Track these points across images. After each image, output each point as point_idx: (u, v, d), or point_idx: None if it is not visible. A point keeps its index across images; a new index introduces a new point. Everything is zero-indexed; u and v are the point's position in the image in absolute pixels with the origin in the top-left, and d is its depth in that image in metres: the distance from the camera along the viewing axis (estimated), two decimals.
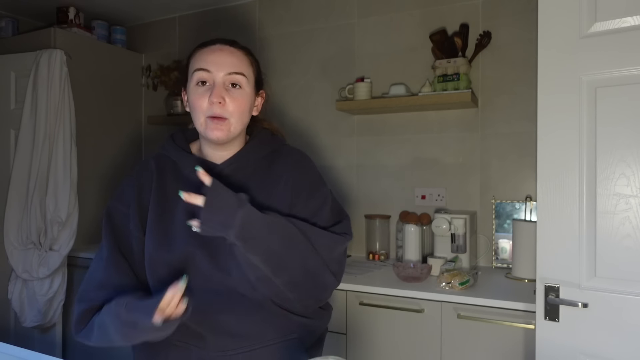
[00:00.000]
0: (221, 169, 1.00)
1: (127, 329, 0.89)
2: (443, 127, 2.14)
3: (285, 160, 1.07)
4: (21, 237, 2.24)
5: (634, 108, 1.17)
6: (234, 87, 0.98)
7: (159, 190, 1.02)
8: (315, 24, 2.42)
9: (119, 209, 1.03)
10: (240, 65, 0.99)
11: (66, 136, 2.26)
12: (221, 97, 0.95)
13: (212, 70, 0.96)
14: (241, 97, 0.98)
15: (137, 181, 1.05)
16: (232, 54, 0.99)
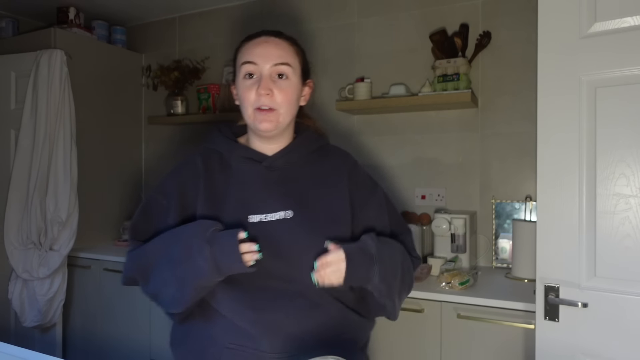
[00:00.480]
0: (272, 160, 1.00)
1: (192, 257, 0.89)
2: (443, 127, 2.14)
3: (335, 158, 1.08)
4: (21, 237, 2.24)
5: (634, 108, 1.17)
6: (280, 77, 0.98)
7: (208, 188, 1.00)
8: (315, 24, 2.42)
9: (158, 201, 1.03)
10: (285, 55, 0.99)
11: (66, 136, 2.26)
12: (268, 88, 0.95)
13: (259, 62, 0.96)
14: (288, 87, 0.98)
15: (179, 177, 1.04)
16: (278, 45, 1.00)
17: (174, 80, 2.58)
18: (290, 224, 0.96)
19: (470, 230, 1.92)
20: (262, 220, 0.96)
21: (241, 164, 1.00)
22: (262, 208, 0.97)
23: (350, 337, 1.01)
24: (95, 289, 2.34)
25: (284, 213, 0.96)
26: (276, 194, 0.98)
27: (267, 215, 0.96)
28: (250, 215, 0.96)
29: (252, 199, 0.97)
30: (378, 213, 1.07)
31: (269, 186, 0.99)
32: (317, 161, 1.05)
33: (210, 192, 0.99)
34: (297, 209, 0.97)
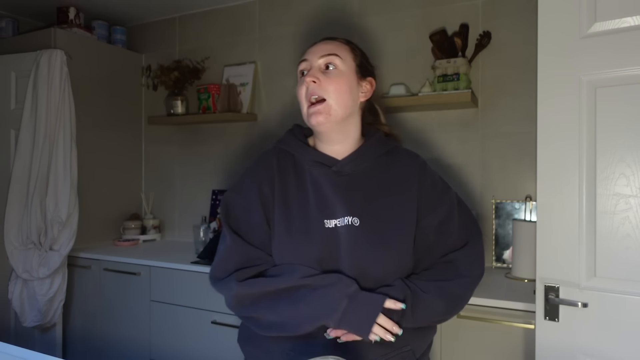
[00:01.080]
0: (342, 165, 1.01)
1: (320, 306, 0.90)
2: (443, 127, 2.14)
3: (406, 161, 1.07)
4: (21, 237, 2.24)
5: (634, 108, 1.17)
6: (328, 68, 0.99)
7: (282, 188, 1.02)
8: (315, 24, 2.42)
9: (237, 202, 1.04)
10: (334, 49, 1.01)
11: (66, 136, 2.26)
12: (315, 76, 0.97)
13: (309, 57, 1.00)
14: (337, 76, 0.98)
15: (256, 177, 1.05)
16: (329, 42, 1.03)
17: (174, 80, 2.58)
18: (356, 232, 0.97)
19: None
20: (337, 225, 0.97)
21: (312, 167, 1.01)
22: (333, 213, 0.98)
23: (409, 349, 1.00)
24: (95, 289, 2.34)
25: (351, 219, 0.97)
26: (345, 200, 0.98)
27: (339, 220, 0.97)
28: (325, 220, 0.97)
29: (324, 203, 0.98)
30: (445, 220, 1.04)
31: (338, 191, 0.99)
32: (387, 166, 1.04)
33: (284, 194, 1.01)
34: (363, 217, 0.98)
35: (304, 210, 0.99)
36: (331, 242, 0.96)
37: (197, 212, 2.68)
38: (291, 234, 0.98)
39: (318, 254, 0.96)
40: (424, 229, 1.03)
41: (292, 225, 0.98)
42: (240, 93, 2.53)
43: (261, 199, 1.02)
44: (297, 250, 0.97)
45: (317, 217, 0.97)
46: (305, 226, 0.97)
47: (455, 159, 2.12)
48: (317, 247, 0.97)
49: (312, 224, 0.97)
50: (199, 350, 2.04)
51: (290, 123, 2.43)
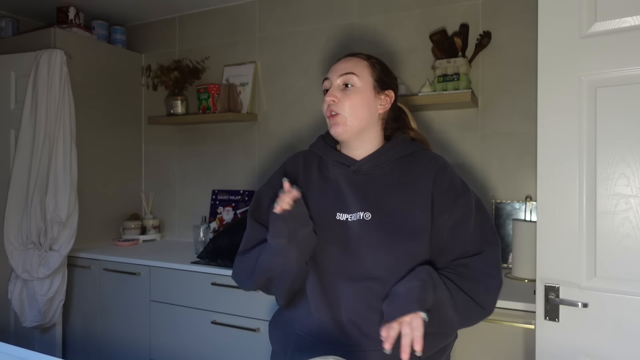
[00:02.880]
0: (360, 164, 1.09)
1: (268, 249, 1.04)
2: (443, 127, 2.14)
3: (424, 162, 1.11)
4: (21, 237, 2.24)
5: (634, 108, 1.17)
6: (347, 86, 1.09)
7: (304, 182, 1.13)
8: (315, 24, 2.42)
9: (267, 193, 1.16)
10: (353, 67, 1.10)
11: (66, 136, 2.26)
12: (334, 95, 1.08)
13: (330, 76, 1.11)
14: (354, 94, 1.08)
15: (284, 173, 1.17)
16: (349, 60, 1.12)
17: (174, 80, 2.58)
18: (367, 226, 1.03)
19: None
20: (348, 219, 1.05)
21: (334, 167, 1.12)
22: (347, 208, 1.06)
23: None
24: (95, 289, 2.34)
25: (363, 214, 1.04)
26: (359, 196, 1.06)
27: (352, 215, 1.05)
28: (338, 213, 1.06)
29: (340, 198, 1.07)
30: (459, 222, 1.06)
31: (354, 188, 1.07)
32: (405, 165, 1.10)
33: (306, 187, 1.12)
34: (376, 213, 1.04)
35: (320, 202, 1.08)
36: (339, 233, 1.05)
37: (197, 212, 2.68)
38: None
39: (323, 242, 1.05)
40: (437, 228, 1.06)
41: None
42: (240, 93, 2.53)
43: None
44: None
45: (330, 209, 1.07)
46: (316, 217, 1.06)
47: (455, 159, 2.11)
48: (323, 236, 1.05)
49: (323, 215, 1.07)
50: (199, 350, 2.04)
51: (290, 123, 2.46)
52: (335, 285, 1.04)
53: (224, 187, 2.63)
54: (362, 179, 1.08)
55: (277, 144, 2.52)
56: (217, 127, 2.68)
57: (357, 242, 1.03)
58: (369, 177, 1.08)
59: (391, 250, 1.02)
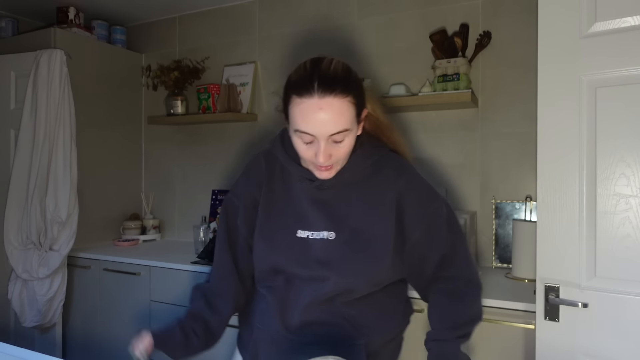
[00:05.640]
0: (323, 182, 1.02)
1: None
2: (443, 127, 2.14)
3: (389, 175, 1.05)
4: (21, 237, 2.24)
5: (634, 108, 1.17)
6: (337, 142, 0.95)
7: (268, 193, 1.08)
8: (315, 24, 2.42)
9: (232, 201, 1.12)
10: (342, 120, 0.93)
11: (66, 136, 2.26)
12: (326, 155, 0.94)
13: (315, 134, 0.93)
14: (346, 145, 0.96)
15: (248, 179, 1.12)
16: (333, 109, 0.91)
17: (174, 80, 2.58)
18: (331, 245, 1.00)
19: (470, 230, 1.92)
20: (309, 237, 1.01)
21: (296, 180, 1.05)
22: (310, 225, 1.02)
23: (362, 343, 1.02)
24: (95, 289, 2.34)
25: (327, 234, 1.01)
26: (322, 214, 1.02)
27: (314, 233, 1.01)
28: (299, 230, 1.02)
29: (302, 214, 1.03)
30: (433, 233, 1.04)
31: (317, 205, 1.03)
32: (369, 178, 1.04)
33: (269, 198, 1.07)
34: (340, 231, 1.01)
35: (282, 217, 1.05)
36: (299, 252, 1.01)
37: (197, 212, 2.68)
38: (264, 238, 1.06)
39: (281, 261, 1.03)
40: (412, 244, 1.03)
41: (266, 230, 1.06)
42: (240, 93, 2.53)
43: (248, 201, 1.09)
44: (263, 254, 1.06)
45: (292, 225, 1.03)
46: (275, 233, 1.04)
47: (455, 159, 2.11)
48: (280, 255, 1.03)
49: (282, 232, 1.03)
50: None
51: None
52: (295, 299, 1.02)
53: (224, 187, 2.63)
54: (325, 194, 1.02)
55: None
56: (217, 127, 2.68)
57: (320, 261, 1.00)
58: (332, 192, 1.03)
59: (356, 269, 0.99)
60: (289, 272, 1.02)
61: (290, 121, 0.96)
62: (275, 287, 1.05)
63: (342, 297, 1.00)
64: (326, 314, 1.01)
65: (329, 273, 0.99)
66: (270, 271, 1.05)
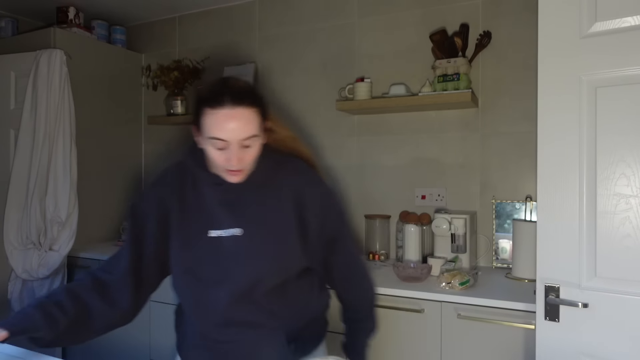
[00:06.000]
0: (230, 184, 1.12)
1: None
2: (443, 127, 2.14)
3: (288, 176, 1.18)
4: (21, 237, 2.24)
5: (634, 108, 1.17)
6: (246, 147, 1.08)
7: (180, 200, 1.16)
8: (315, 24, 2.42)
9: (140, 207, 1.18)
10: (250, 128, 1.06)
11: (66, 136, 2.26)
12: (238, 158, 1.06)
13: (228, 139, 1.05)
14: (253, 150, 1.09)
15: (158, 188, 1.19)
16: (242, 117, 1.05)
17: (174, 80, 2.58)
18: (239, 241, 1.11)
19: (470, 230, 1.92)
20: (221, 235, 1.11)
21: (206, 185, 1.15)
22: (220, 224, 1.12)
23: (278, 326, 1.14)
24: None
25: (235, 230, 1.11)
26: (231, 213, 1.12)
27: (225, 232, 1.11)
28: (210, 230, 1.12)
29: (213, 216, 1.13)
30: (326, 225, 1.19)
31: (225, 205, 1.13)
32: (271, 179, 1.17)
33: (182, 205, 1.15)
34: (247, 227, 1.11)
35: (193, 222, 1.14)
36: (212, 251, 1.11)
37: None
38: (179, 242, 1.14)
39: (194, 261, 1.12)
40: (310, 234, 1.16)
41: (180, 235, 1.14)
42: None
43: (160, 209, 1.16)
44: (178, 257, 1.14)
45: (204, 227, 1.12)
46: (190, 236, 1.13)
47: (455, 159, 2.12)
48: (193, 254, 1.12)
49: (196, 234, 1.12)
50: None
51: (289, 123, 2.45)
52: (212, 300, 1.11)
53: None
54: (233, 196, 1.13)
55: None
56: None
57: (231, 257, 1.10)
58: (239, 194, 1.13)
59: (265, 259, 1.10)
60: (205, 273, 1.11)
61: (203, 131, 1.08)
62: (193, 290, 1.14)
63: (257, 288, 1.10)
64: (246, 308, 1.11)
65: (241, 266, 1.10)
66: (187, 272, 1.13)
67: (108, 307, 1.12)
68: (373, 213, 2.26)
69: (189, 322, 1.20)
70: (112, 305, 1.13)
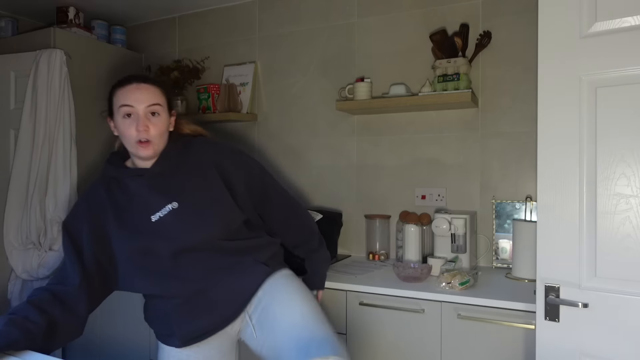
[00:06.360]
0: (152, 171, 1.27)
1: None
2: (443, 127, 2.14)
3: (202, 148, 1.34)
4: (21, 237, 2.24)
5: (634, 108, 1.17)
6: (153, 115, 1.25)
7: (114, 207, 1.27)
8: (315, 24, 2.42)
9: (74, 226, 1.28)
10: (155, 97, 1.26)
11: (66, 136, 2.26)
12: (145, 125, 1.23)
13: (135, 105, 1.23)
14: (160, 122, 1.26)
15: (88, 207, 1.29)
16: (148, 89, 1.26)
17: (174, 80, 2.58)
18: (179, 212, 1.24)
19: (470, 230, 1.92)
20: (160, 216, 1.23)
21: (131, 181, 1.28)
22: (156, 208, 1.24)
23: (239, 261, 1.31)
24: None
25: (170, 206, 1.24)
26: (161, 194, 1.25)
27: (162, 211, 1.24)
28: (151, 216, 1.24)
29: (147, 203, 1.25)
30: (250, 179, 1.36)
31: (155, 189, 1.26)
32: (187, 157, 1.31)
33: (116, 209, 1.27)
34: (180, 200, 1.25)
35: (134, 215, 1.25)
36: (159, 230, 1.23)
37: None
38: (123, 234, 1.24)
39: (148, 241, 1.23)
40: (238, 191, 1.32)
41: (124, 228, 1.24)
42: (240, 93, 2.53)
43: (92, 221, 1.26)
44: (125, 245, 1.24)
45: (145, 216, 1.24)
46: (134, 225, 1.24)
47: (455, 159, 2.12)
48: (141, 238, 1.23)
49: (139, 222, 1.24)
50: None
51: (290, 123, 2.45)
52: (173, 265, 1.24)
53: None
54: (158, 180, 1.26)
55: (277, 144, 2.52)
56: (217, 127, 2.68)
57: (178, 227, 1.22)
58: (163, 176, 1.27)
59: (206, 224, 1.24)
60: (159, 249, 1.22)
61: (115, 108, 1.26)
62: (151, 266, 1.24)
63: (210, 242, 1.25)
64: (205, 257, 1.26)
65: (187, 232, 1.23)
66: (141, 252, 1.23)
67: (70, 316, 1.19)
68: (373, 213, 2.26)
69: (157, 305, 1.33)
70: (73, 313, 1.20)
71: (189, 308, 1.27)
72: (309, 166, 2.44)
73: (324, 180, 2.40)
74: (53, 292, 1.19)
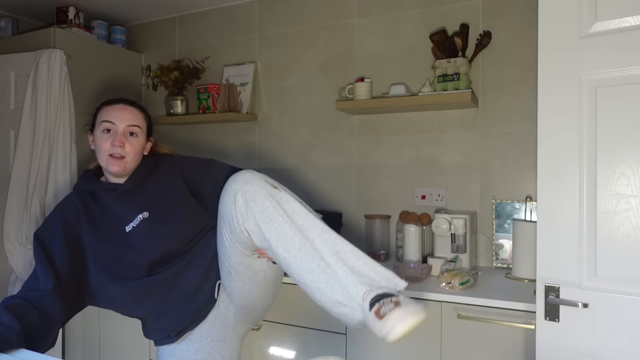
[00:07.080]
0: (125, 185, 1.34)
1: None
2: (443, 127, 2.14)
3: (167, 165, 1.42)
4: (21, 237, 2.24)
5: (634, 108, 1.17)
6: (131, 135, 1.32)
7: (88, 219, 1.31)
8: (315, 24, 2.42)
9: (45, 235, 1.29)
10: (136, 119, 1.34)
11: (66, 136, 2.26)
12: (121, 142, 1.29)
13: (116, 122, 1.30)
14: (136, 143, 1.33)
15: (60, 215, 1.31)
16: (131, 111, 1.34)
17: (174, 80, 2.58)
18: (150, 221, 1.30)
19: (470, 230, 1.92)
20: (133, 226, 1.30)
21: (105, 195, 1.33)
22: (129, 219, 1.30)
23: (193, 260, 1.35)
24: None
25: (141, 215, 1.31)
26: (133, 206, 1.32)
27: (133, 222, 1.30)
28: (125, 227, 1.29)
29: (121, 215, 1.31)
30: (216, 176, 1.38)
31: (127, 202, 1.32)
32: (155, 174, 1.39)
33: (91, 219, 1.31)
34: (151, 209, 1.32)
35: (108, 229, 1.30)
36: (132, 239, 1.28)
37: None
38: (98, 243, 1.28)
39: (117, 252, 1.27)
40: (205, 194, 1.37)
41: (99, 238, 1.28)
42: (240, 93, 2.53)
43: (65, 230, 1.28)
44: (101, 253, 1.27)
45: (118, 229, 1.29)
46: (109, 237, 1.29)
47: (455, 159, 2.12)
48: (116, 248, 1.27)
49: (114, 233, 1.29)
50: None
51: (290, 123, 2.45)
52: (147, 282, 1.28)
53: None
54: (129, 195, 1.33)
55: (277, 144, 2.52)
56: (217, 127, 2.68)
57: (150, 235, 1.28)
58: (134, 191, 1.33)
59: (177, 230, 1.30)
60: (134, 258, 1.26)
61: (97, 122, 1.32)
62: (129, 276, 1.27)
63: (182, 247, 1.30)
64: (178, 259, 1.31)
65: (157, 240, 1.28)
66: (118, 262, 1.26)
67: (47, 322, 1.17)
68: (373, 213, 2.26)
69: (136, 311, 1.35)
70: (50, 319, 1.18)
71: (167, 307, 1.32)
72: (309, 166, 2.44)
73: (324, 180, 2.40)
74: (26, 299, 1.16)
